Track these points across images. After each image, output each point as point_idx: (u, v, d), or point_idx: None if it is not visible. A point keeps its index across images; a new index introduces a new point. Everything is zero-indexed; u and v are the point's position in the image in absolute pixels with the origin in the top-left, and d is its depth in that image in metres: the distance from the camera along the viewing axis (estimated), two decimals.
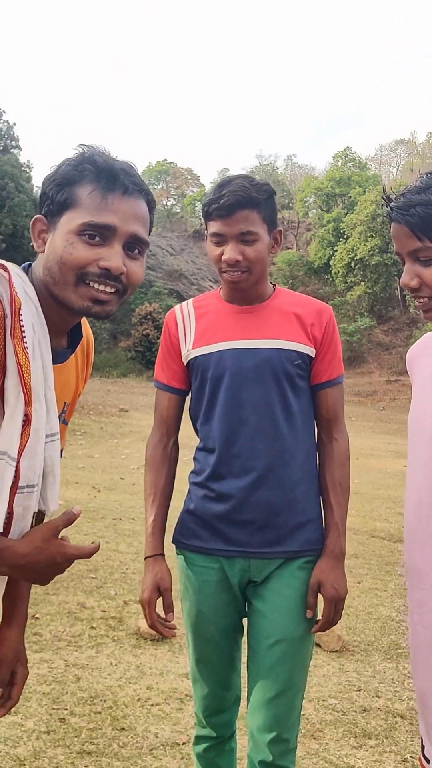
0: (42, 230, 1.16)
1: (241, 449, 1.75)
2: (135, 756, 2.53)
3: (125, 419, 17.28)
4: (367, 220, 40.83)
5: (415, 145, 71.39)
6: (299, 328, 1.79)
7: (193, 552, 1.81)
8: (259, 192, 1.73)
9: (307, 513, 1.78)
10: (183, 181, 67.77)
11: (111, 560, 5.10)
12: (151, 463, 1.90)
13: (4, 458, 1.05)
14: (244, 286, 1.77)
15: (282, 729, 1.71)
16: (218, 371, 1.77)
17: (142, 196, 1.15)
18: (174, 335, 1.87)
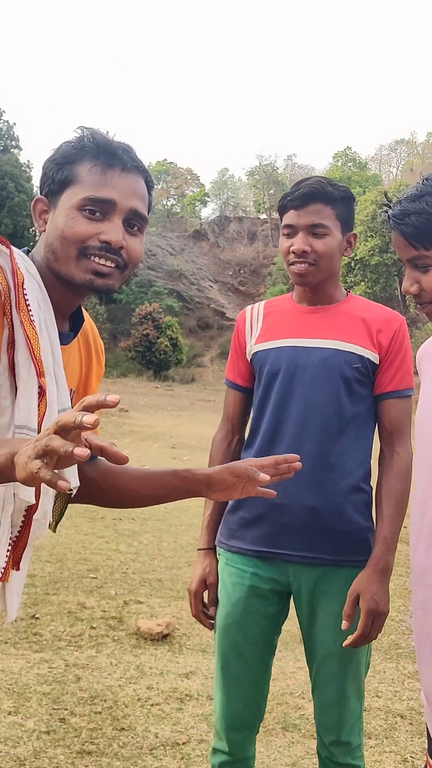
0: (43, 210, 1.18)
1: (285, 449, 1.72)
2: (135, 756, 2.53)
3: (125, 419, 17.28)
4: (367, 220, 40.84)
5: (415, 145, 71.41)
6: (364, 332, 1.75)
7: (231, 552, 1.81)
8: (336, 189, 1.74)
9: (353, 522, 1.73)
10: (183, 181, 67.77)
11: (111, 560, 5.10)
12: (214, 458, 1.91)
13: (24, 431, 1.05)
14: (310, 280, 1.75)
15: (340, 733, 1.75)
16: (274, 367, 1.77)
17: (140, 173, 1.17)
18: (242, 333, 1.89)
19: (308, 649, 1.79)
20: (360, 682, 1.77)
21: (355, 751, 1.77)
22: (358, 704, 1.77)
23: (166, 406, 21.80)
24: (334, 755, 1.76)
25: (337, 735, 1.75)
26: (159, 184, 68.24)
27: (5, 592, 1.12)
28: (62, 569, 4.70)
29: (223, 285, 52.52)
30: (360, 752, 1.79)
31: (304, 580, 1.74)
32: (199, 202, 66.26)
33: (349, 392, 1.73)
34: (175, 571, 4.91)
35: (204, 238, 56.22)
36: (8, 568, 1.08)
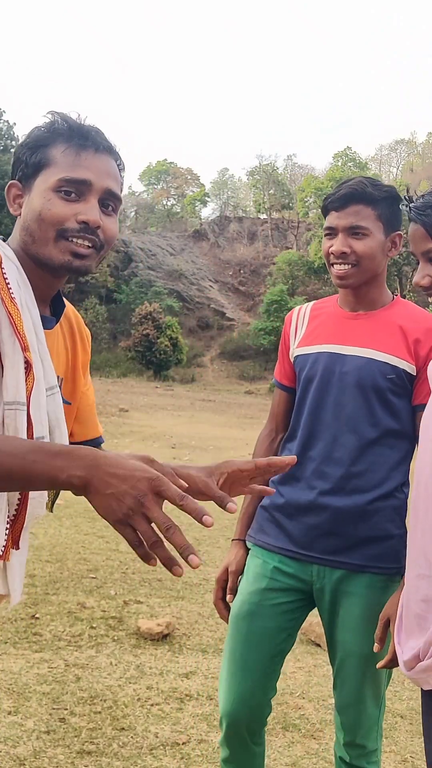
0: (17, 195, 1.20)
1: (318, 453, 1.75)
2: (135, 756, 2.53)
3: (125, 419, 17.28)
4: None
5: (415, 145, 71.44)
6: (401, 341, 1.73)
7: (258, 546, 1.85)
8: (377, 190, 1.73)
9: (381, 529, 1.72)
10: (183, 181, 67.75)
11: (111, 560, 5.10)
12: (257, 452, 1.96)
13: (14, 407, 1.07)
14: (351, 282, 1.75)
15: (356, 735, 1.75)
16: (311, 373, 1.79)
17: (112, 155, 1.20)
18: (287, 334, 1.93)
19: (330, 648, 1.80)
20: (379, 687, 1.76)
21: (370, 755, 1.77)
22: (376, 709, 1.76)
23: (166, 406, 21.81)
24: (348, 757, 1.76)
25: (352, 737, 1.75)
26: (159, 184, 68.27)
27: (7, 574, 1.12)
28: (62, 569, 4.70)
29: (223, 285, 52.53)
30: (376, 758, 1.78)
31: (327, 581, 1.74)
32: (199, 202, 66.26)
33: (383, 402, 1.72)
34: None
35: (204, 238, 56.23)
36: (8, 547, 1.09)
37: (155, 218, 64.39)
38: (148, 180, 69.29)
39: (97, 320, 40.24)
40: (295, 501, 1.77)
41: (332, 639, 1.78)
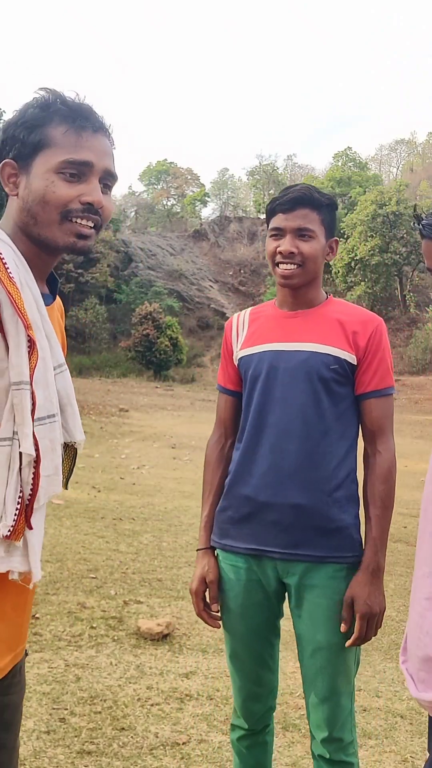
0: (12, 174, 1.19)
1: (268, 449, 1.79)
2: (135, 756, 2.53)
3: (125, 419, 17.28)
4: (367, 220, 40.84)
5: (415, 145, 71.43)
6: (340, 334, 1.80)
7: (224, 551, 1.87)
8: (321, 197, 1.83)
9: (338, 520, 1.76)
10: (183, 181, 67.72)
11: (111, 560, 5.10)
12: (209, 461, 2.00)
13: (20, 387, 1.08)
14: (296, 281, 1.82)
15: (332, 729, 1.78)
16: (256, 372, 1.84)
17: (106, 134, 1.22)
18: (229, 339, 1.98)
19: (300, 643, 1.83)
20: (350, 677, 1.81)
21: (348, 747, 1.80)
22: (349, 701, 1.81)
23: (166, 406, 21.81)
24: (327, 752, 1.79)
25: (329, 731, 1.78)
26: (159, 184, 68.23)
27: (28, 553, 1.13)
28: (62, 569, 4.70)
29: (223, 285, 52.54)
30: (353, 749, 1.82)
31: (291, 575, 1.79)
32: (199, 202, 66.23)
33: (329, 393, 1.79)
34: (175, 571, 4.91)
35: (204, 238, 56.22)
36: (19, 526, 1.09)
37: (155, 218, 64.37)
38: (148, 180, 69.27)
39: (97, 320, 40.21)
40: (252, 500, 1.80)
41: (302, 634, 1.81)
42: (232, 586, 1.85)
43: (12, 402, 1.08)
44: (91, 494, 7.78)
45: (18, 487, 1.09)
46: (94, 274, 42.01)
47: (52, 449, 1.15)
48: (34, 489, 1.11)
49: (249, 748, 1.94)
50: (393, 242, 40.44)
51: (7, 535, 1.08)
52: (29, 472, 1.10)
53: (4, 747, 1.23)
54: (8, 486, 1.08)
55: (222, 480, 1.95)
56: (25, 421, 1.08)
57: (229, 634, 1.89)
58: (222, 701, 3.00)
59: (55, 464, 1.16)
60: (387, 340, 1.84)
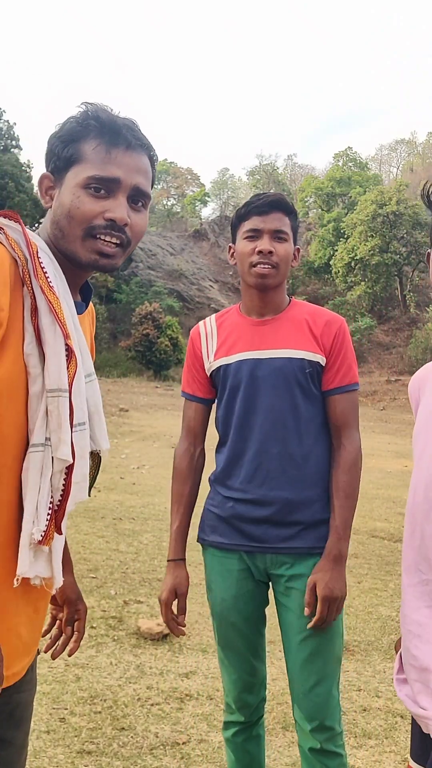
0: (49, 186, 1.21)
1: (255, 453, 1.87)
2: (135, 756, 2.53)
3: (125, 419, 17.28)
4: (367, 219, 40.80)
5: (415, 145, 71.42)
6: (309, 336, 1.88)
7: (214, 547, 1.94)
8: (291, 204, 1.94)
9: (321, 513, 1.87)
10: (183, 181, 67.73)
11: (111, 560, 5.10)
12: (178, 471, 2.02)
13: (56, 394, 1.08)
14: (270, 282, 1.88)
15: (323, 717, 1.83)
16: (236, 380, 1.90)
17: (144, 150, 1.20)
18: (198, 348, 2.01)
19: (287, 635, 1.88)
20: (338, 664, 1.88)
21: (338, 738, 1.85)
22: (336, 689, 1.87)
23: (166, 406, 21.79)
24: (318, 743, 1.82)
25: (320, 720, 1.82)
26: (159, 184, 68.22)
27: (52, 558, 1.14)
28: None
29: (223, 285, 52.54)
30: (342, 741, 1.86)
31: (280, 567, 1.87)
32: (199, 202, 66.23)
33: (304, 395, 1.87)
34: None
35: (204, 238, 56.23)
36: (50, 531, 1.10)
37: (155, 218, 64.36)
38: None
39: (97, 320, 40.06)
40: (241, 499, 1.88)
41: (290, 624, 1.86)
42: (223, 577, 1.91)
43: (47, 408, 1.08)
44: (91, 494, 7.78)
45: (49, 493, 1.10)
46: (94, 273, 41.85)
47: (81, 456, 1.16)
48: (64, 495, 1.12)
49: (244, 742, 1.98)
50: (393, 242, 40.38)
51: (40, 539, 1.09)
52: (60, 478, 1.11)
53: (13, 744, 1.24)
54: (41, 491, 1.09)
55: (192, 490, 2.01)
56: (63, 427, 1.09)
57: (222, 627, 1.94)
58: (222, 701, 3.00)
59: (83, 471, 1.18)
60: (349, 338, 1.93)
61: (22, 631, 1.16)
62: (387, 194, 40.97)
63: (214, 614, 1.95)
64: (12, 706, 1.22)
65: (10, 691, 1.20)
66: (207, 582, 1.98)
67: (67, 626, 1.49)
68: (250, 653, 1.94)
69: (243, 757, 1.99)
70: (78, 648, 1.46)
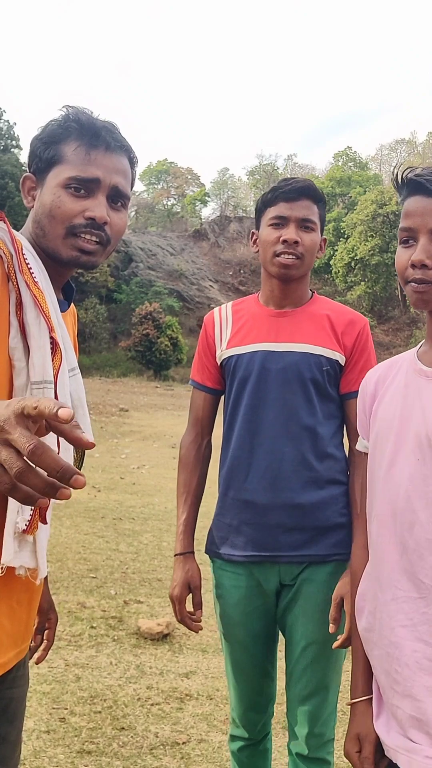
0: (31, 187, 1.24)
1: (266, 451, 1.75)
2: (135, 755, 2.53)
3: (125, 419, 17.28)
4: (367, 219, 40.83)
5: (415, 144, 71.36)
6: (330, 334, 1.79)
7: (225, 560, 1.82)
8: (320, 192, 1.82)
9: (336, 517, 1.76)
10: (183, 180, 67.71)
11: (111, 560, 5.10)
12: (185, 462, 1.93)
13: (41, 386, 1.10)
14: (294, 273, 1.77)
15: (315, 725, 1.77)
16: (247, 372, 1.79)
17: (123, 152, 1.23)
18: (210, 336, 1.90)
19: (290, 639, 1.80)
20: (340, 671, 1.81)
21: (328, 745, 1.80)
22: (335, 696, 1.81)
23: (166, 406, 21.79)
24: (306, 749, 1.77)
25: (312, 727, 1.77)
26: (159, 184, 68.22)
27: (36, 548, 1.15)
28: (62, 569, 4.70)
29: (224, 285, 52.53)
30: (332, 748, 1.82)
31: (293, 575, 1.77)
32: (199, 202, 66.21)
33: (320, 393, 1.77)
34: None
35: (204, 238, 56.21)
36: (34, 521, 1.11)
37: (155, 218, 64.34)
38: (148, 180, 69.26)
39: (97, 320, 40.19)
40: (252, 503, 1.76)
41: (294, 629, 1.78)
42: (231, 594, 1.80)
43: None
44: (91, 494, 7.78)
45: None
46: (94, 273, 41.94)
47: (65, 449, 1.17)
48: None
49: (250, 757, 1.91)
50: (393, 242, 40.37)
51: (25, 528, 1.10)
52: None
53: (6, 740, 1.24)
54: None
55: (200, 480, 1.92)
56: None
57: (229, 644, 1.85)
58: (222, 701, 3.01)
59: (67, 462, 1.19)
60: (371, 340, 1.84)
61: (4, 621, 1.16)
62: (387, 194, 40.99)
63: (223, 630, 1.86)
64: (5, 702, 1.23)
65: (3, 686, 1.21)
66: (214, 595, 1.87)
67: (36, 635, 1.49)
68: (258, 673, 1.85)
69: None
70: (46, 656, 1.46)
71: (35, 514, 1.11)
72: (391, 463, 1.24)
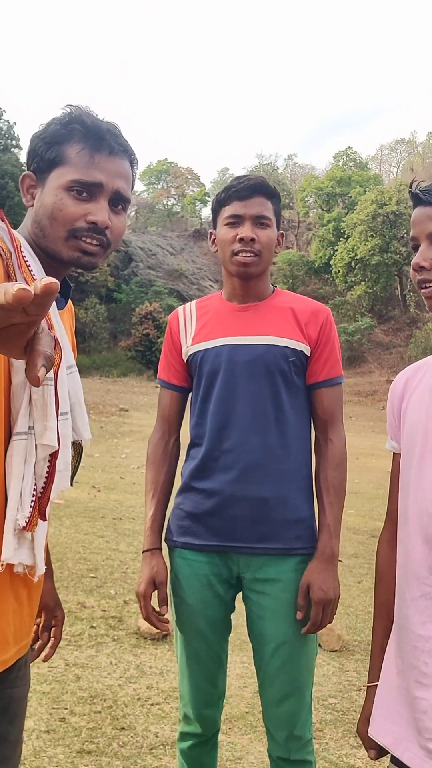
0: (31, 186, 1.23)
1: (234, 443, 1.77)
2: (135, 755, 2.53)
3: (125, 419, 17.28)
4: (367, 219, 40.80)
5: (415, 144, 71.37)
6: (294, 325, 1.81)
7: (184, 548, 1.83)
8: (273, 188, 1.84)
9: (300, 510, 1.78)
10: (183, 180, 67.71)
11: (111, 560, 5.10)
12: (153, 460, 1.93)
13: (44, 382, 1.09)
14: (253, 270, 1.80)
15: (294, 726, 1.76)
16: (214, 366, 1.81)
17: (126, 156, 1.23)
18: (176, 333, 1.92)
19: (260, 642, 1.79)
20: (312, 670, 1.80)
21: (308, 745, 1.80)
22: (309, 695, 1.80)
23: None
24: (288, 752, 1.77)
25: (291, 728, 1.76)
26: (159, 184, 68.21)
27: (34, 545, 1.15)
28: (62, 569, 4.70)
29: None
30: (311, 747, 1.81)
31: (253, 569, 1.77)
32: (199, 201, 66.15)
33: (287, 385, 1.79)
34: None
35: (204, 237, 56.14)
36: (34, 518, 1.12)
37: (155, 218, 64.32)
38: (148, 180, 69.23)
39: (97, 320, 40.19)
40: (218, 493, 1.77)
41: (264, 632, 1.77)
42: (191, 582, 1.80)
43: (31, 397, 1.10)
44: (91, 494, 7.78)
45: (33, 480, 1.12)
46: (94, 273, 41.90)
47: (65, 445, 1.18)
48: (48, 482, 1.14)
49: (200, 754, 1.89)
50: (393, 242, 40.38)
51: (24, 525, 1.10)
52: (44, 465, 1.13)
53: (7, 740, 1.24)
54: (25, 478, 1.11)
55: (168, 478, 1.92)
56: (48, 415, 1.10)
57: (187, 635, 1.83)
58: None
59: (66, 460, 1.20)
60: (335, 330, 1.86)
61: (6, 618, 1.16)
62: (387, 194, 40.96)
63: (179, 620, 1.84)
64: (6, 701, 1.23)
65: (4, 686, 1.21)
66: (172, 586, 1.85)
67: (44, 632, 1.50)
68: (214, 662, 1.84)
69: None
70: (53, 654, 1.47)
71: (35, 511, 1.12)
72: (420, 463, 1.29)
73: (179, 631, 1.86)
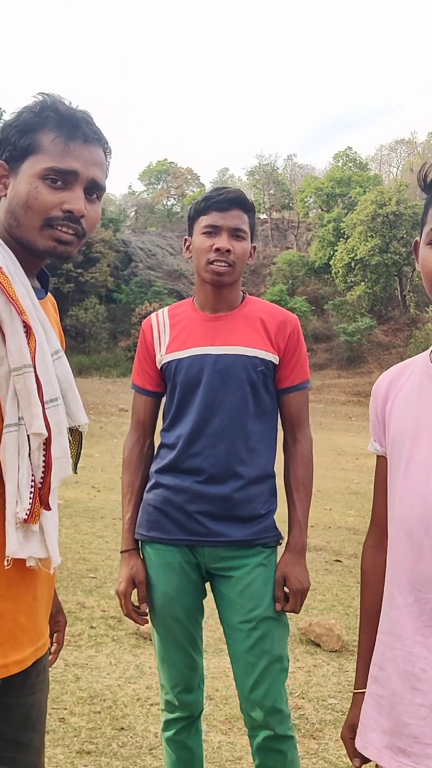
0: (3, 175, 1.21)
1: (202, 448, 1.86)
2: (134, 755, 2.53)
3: (125, 419, 17.28)
4: (367, 220, 40.81)
5: (415, 145, 71.39)
6: (263, 335, 1.90)
7: (153, 542, 1.91)
8: (250, 202, 1.93)
9: (263, 508, 1.89)
10: (183, 180, 67.71)
11: (111, 560, 5.09)
12: (128, 463, 2.04)
13: (22, 371, 1.09)
14: (226, 279, 1.88)
15: (275, 700, 1.83)
16: (188, 376, 1.89)
17: (100, 144, 1.22)
18: (149, 341, 1.99)
19: (235, 627, 1.86)
20: (285, 643, 1.89)
21: (287, 720, 1.86)
22: (285, 668, 1.88)
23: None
24: (272, 729, 1.82)
25: (272, 703, 1.82)
26: (159, 184, 68.22)
27: (45, 537, 1.14)
28: (62, 569, 4.70)
29: None
30: (290, 723, 1.88)
31: (218, 559, 1.87)
32: None
33: (255, 392, 1.88)
34: None
35: None
36: (35, 509, 1.11)
37: (155, 218, 64.33)
38: (148, 180, 69.26)
39: (97, 320, 40.21)
40: (183, 492, 1.87)
41: (234, 611, 1.85)
42: (164, 571, 1.89)
43: (14, 387, 1.09)
44: (90, 494, 7.78)
45: (30, 471, 1.11)
46: (94, 273, 42.00)
47: (59, 432, 1.17)
48: (46, 471, 1.13)
49: (186, 738, 1.98)
50: (393, 242, 40.38)
51: (25, 518, 1.09)
52: (39, 455, 1.12)
53: (31, 747, 1.23)
54: (20, 470, 1.10)
55: (143, 481, 2.00)
56: (32, 402, 1.10)
57: (164, 624, 1.91)
58: (222, 701, 3.00)
59: (63, 447, 1.19)
60: (302, 336, 1.97)
61: (20, 618, 1.15)
62: (387, 194, 40.98)
63: (155, 609, 1.92)
64: (27, 708, 1.21)
65: (23, 692, 1.19)
66: (146, 577, 1.93)
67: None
68: (191, 646, 1.93)
69: (184, 755, 1.98)
70: (56, 659, 1.47)
71: (35, 502, 1.11)
72: (407, 465, 1.26)
73: (156, 620, 1.93)
